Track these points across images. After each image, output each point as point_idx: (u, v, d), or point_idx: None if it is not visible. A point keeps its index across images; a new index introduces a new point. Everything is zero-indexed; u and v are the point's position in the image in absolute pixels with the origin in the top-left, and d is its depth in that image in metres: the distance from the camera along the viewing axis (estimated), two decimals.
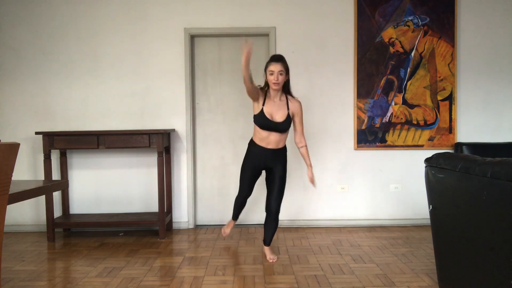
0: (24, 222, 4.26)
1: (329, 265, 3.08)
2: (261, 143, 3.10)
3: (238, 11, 4.19)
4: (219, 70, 4.32)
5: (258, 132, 3.10)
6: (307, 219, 4.27)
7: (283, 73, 3.00)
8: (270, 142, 3.09)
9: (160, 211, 3.87)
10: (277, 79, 2.98)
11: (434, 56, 4.21)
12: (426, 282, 2.72)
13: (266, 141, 3.09)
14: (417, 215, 4.23)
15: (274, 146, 3.11)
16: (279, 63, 2.99)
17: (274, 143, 3.10)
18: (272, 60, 3.03)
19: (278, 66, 2.98)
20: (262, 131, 3.07)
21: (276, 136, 3.08)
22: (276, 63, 2.99)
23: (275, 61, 3.00)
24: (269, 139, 3.08)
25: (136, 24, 4.19)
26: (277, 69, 2.98)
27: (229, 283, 2.75)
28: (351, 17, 4.20)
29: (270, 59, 3.05)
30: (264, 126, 3.04)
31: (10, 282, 2.84)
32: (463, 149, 4.09)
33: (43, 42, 4.19)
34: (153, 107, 4.23)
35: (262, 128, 3.06)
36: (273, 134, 3.07)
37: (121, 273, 2.96)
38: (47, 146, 3.85)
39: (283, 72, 3.00)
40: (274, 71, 2.98)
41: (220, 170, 4.36)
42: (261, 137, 3.09)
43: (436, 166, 2.30)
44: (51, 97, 4.21)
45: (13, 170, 1.56)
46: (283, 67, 3.00)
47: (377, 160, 4.26)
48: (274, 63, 2.99)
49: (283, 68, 3.00)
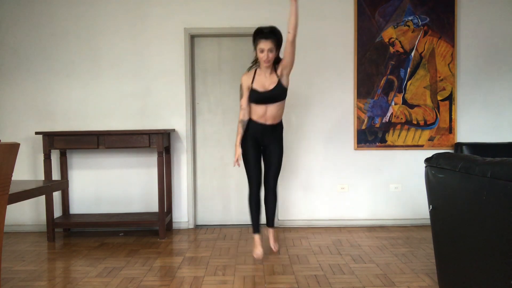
0: (24, 222, 4.26)
1: (329, 265, 3.08)
2: (259, 120, 3.06)
3: (238, 11, 4.19)
4: (219, 70, 4.32)
5: (254, 110, 3.06)
6: (307, 219, 4.27)
7: (273, 50, 2.89)
8: (268, 117, 3.05)
9: (160, 211, 3.87)
10: (268, 57, 2.89)
11: (434, 56, 4.21)
12: (426, 282, 2.72)
13: (264, 117, 3.05)
14: (417, 215, 4.23)
15: (272, 121, 3.07)
16: (269, 40, 2.85)
17: (272, 118, 3.06)
18: (261, 36, 2.87)
19: (268, 44, 2.86)
20: (259, 106, 3.01)
21: (273, 109, 3.03)
22: (266, 41, 2.85)
23: (264, 38, 2.86)
24: (267, 114, 3.04)
25: (136, 24, 4.19)
26: (267, 47, 2.87)
27: (229, 283, 2.75)
28: (351, 17, 4.20)
29: (259, 34, 2.88)
30: (259, 99, 2.98)
31: (10, 282, 2.84)
32: (463, 149, 4.09)
33: (43, 42, 4.19)
34: (153, 107, 4.23)
35: (257, 103, 3.00)
36: (270, 107, 3.01)
37: (121, 273, 2.96)
38: (47, 146, 3.85)
39: (273, 49, 2.89)
40: (264, 49, 2.87)
41: (220, 170, 4.36)
42: (258, 113, 3.04)
43: (436, 166, 2.30)
44: (51, 97, 4.21)
45: (13, 170, 1.56)
46: (273, 44, 2.87)
47: (377, 160, 4.26)
48: (264, 40, 2.86)
49: (274, 45, 2.88)
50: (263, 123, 3.08)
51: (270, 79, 3.03)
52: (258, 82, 3.02)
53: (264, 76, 3.03)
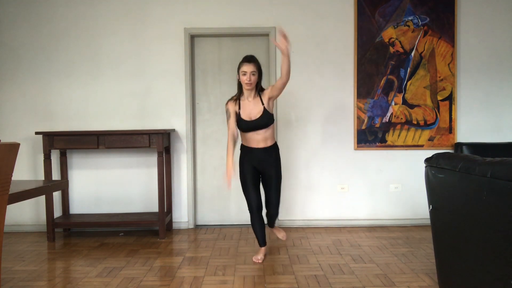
0: (24, 222, 4.26)
1: (329, 265, 3.08)
2: (251, 145, 3.14)
3: (238, 11, 4.19)
4: (219, 70, 4.32)
5: (244, 136, 3.17)
6: (307, 219, 4.27)
7: (255, 73, 3.05)
8: (259, 142, 3.12)
9: (160, 211, 3.87)
10: (250, 80, 3.04)
11: (434, 56, 4.21)
12: (426, 282, 2.72)
13: (255, 142, 3.13)
14: (417, 215, 4.23)
15: (264, 144, 3.13)
16: (251, 63, 3.04)
17: (262, 142, 3.12)
18: (244, 60, 3.07)
19: (251, 67, 3.03)
20: (247, 133, 3.13)
21: (261, 134, 3.10)
22: (248, 64, 3.04)
23: (247, 61, 3.05)
24: (257, 139, 3.12)
25: (136, 24, 4.19)
26: (250, 70, 3.03)
27: (229, 283, 2.75)
28: (351, 17, 4.21)
29: (242, 60, 3.09)
30: (246, 128, 3.10)
31: (10, 282, 2.84)
32: (463, 149, 4.09)
33: (43, 42, 4.19)
34: (153, 107, 4.23)
35: (245, 131, 3.12)
36: (258, 133, 3.10)
37: (121, 273, 2.96)
38: (47, 146, 3.85)
39: (255, 73, 3.05)
40: (247, 71, 3.03)
41: (220, 170, 4.36)
42: (248, 139, 3.14)
43: (436, 166, 2.30)
44: (51, 97, 4.21)
45: (13, 170, 1.56)
46: (255, 68, 3.05)
47: (377, 160, 4.26)
48: (247, 63, 3.04)
49: (255, 68, 3.05)
50: (256, 147, 3.13)
51: (255, 107, 3.10)
52: (244, 110, 3.11)
53: (248, 102, 3.11)
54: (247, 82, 3.04)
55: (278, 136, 4.19)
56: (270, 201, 3.21)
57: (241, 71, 3.07)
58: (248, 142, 3.15)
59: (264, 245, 3.27)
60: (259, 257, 3.21)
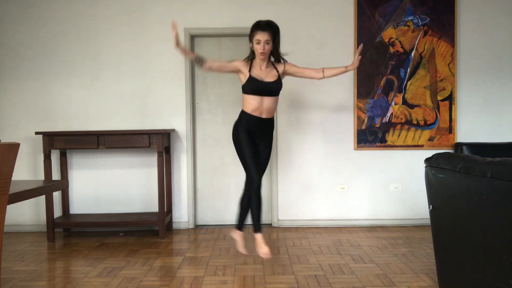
0: (24, 222, 4.26)
1: (329, 265, 3.08)
2: (254, 113, 2.93)
3: (238, 11, 4.19)
4: None
5: (249, 102, 2.93)
6: (307, 219, 4.27)
7: (270, 42, 2.84)
8: (264, 110, 2.94)
9: (160, 211, 3.87)
10: (264, 49, 2.83)
11: (434, 56, 4.20)
12: (426, 282, 2.72)
13: (259, 110, 2.93)
14: (417, 215, 4.23)
15: (268, 114, 2.97)
16: (266, 31, 2.81)
17: (267, 111, 2.95)
18: (258, 28, 2.83)
19: (265, 35, 2.81)
20: (254, 97, 2.90)
21: (269, 101, 2.93)
22: (263, 32, 2.81)
23: (261, 29, 2.82)
24: (263, 107, 2.93)
25: (136, 24, 4.19)
26: (264, 38, 2.81)
27: (229, 283, 2.75)
28: (351, 17, 4.20)
29: (256, 26, 2.85)
30: (256, 90, 2.88)
31: (10, 282, 2.84)
32: (463, 149, 4.09)
33: (43, 42, 4.19)
34: (153, 107, 4.23)
35: (254, 93, 2.89)
36: (266, 99, 2.92)
37: (121, 273, 2.96)
38: (47, 146, 3.85)
39: (270, 41, 2.84)
40: (261, 40, 2.82)
41: (220, 170, 4.36)
42: (253, 106, 2.92)
43: (436, 166, 2.30)
44: (51, 97, 4.21)
45: (13, 170, 1.56)
46: (270, 36, 2.82)
47: (377, 160, 4.26)
48: (261, 31, 2.81)
49: (270, 37, 2.83)
50: (259, 116, 2.94)
51: (269, 73, 2.97)
52: (256, 72, 2.94)
53: (260, 69, 2.95)
54: (261, 51, 2.83)
55: (278, 136, 4.19)
56: None
57: (255, 40, 2.84)
58: (252, 109, 2.92)
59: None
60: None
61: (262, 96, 2.91)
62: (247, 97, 2.95)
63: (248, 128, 2.96)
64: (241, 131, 2.96)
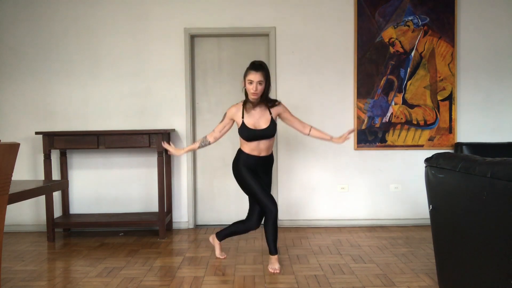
0: (24, 222, 4.26)
1: (329, 265, 3.08)
2: (252, 153, 3.01)
3: (238, 11, 4.19)
4: (219, 70, 4.32)
5: (246, 144, 3.02)
6: (307, 219, 4.27)
7: (262, 82, 2.88)
8: (262, 150, 3.02)
9: (160, 211, 3.87)
10: (256, 89, 2.87)
11: (434, 56, 4.21)
12: (426, 282, 2.72)
13: (257, 150, 3.01)
14: (417, 215, 4.23)
15: (266, 153, 3.04)
16: (258, 72, 2.86)
17: (265, 150, 3.03)
18: (251, 68, 2.90)
19: (258, 76, 2.86)
20: (250, 142, 2.99)
21: (266, 143, 3.01)
22: (255, 73, 2.86)
23: (254, 69, 2.88)
24: (260, 148, 3.01)
25: (136, 24, 4.19)
26: (256, 79, 2.86)
27: (229, 283, 2.75)
28: (351, 17, 4.20)
29: (249, 67, 2.92)
30: (250, 137, 2.96)
31: (10, 282, 2.84)
32: (463, 149, 4.09)
33: (43, 42, 4.19)
34: (153, 107, 4.23)
35: (249, 140, 2.98)
36: (262, 142, 2.99)
37: (121, 273, 2.96)
38: (47, 146, 3.85)
39: (262, 82, 2.88)
40: (253, 80, 2.86)
41: (220, 170, 4.36)
42: (250, 147, 3.01)
43: (436, 166, 2.30)
44: (51, 97, 4.21)
45: (13, 170, 1.56)
46: (262, 77, 2.87)
47: (377, 160, 4.26)
48: (254, 72, 2.87)
49: (263, 77, 2.88)
50: (257, 155, 3.01)
51: (262, 116, 2.98)
52: (250, 119, 2.97)
53: (253, 110, 2.98)
54: (253, 92, 2.88)
55: (278, 136, 4.19)
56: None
57: (247, 79, 2.89)
58: (250, 150, 3.01)
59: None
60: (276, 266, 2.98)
61: (258, 141, 2.98)
62: (243, 140, 3.03)
63: (249, 166, 3.03)
64: (241, 168, 3.02)
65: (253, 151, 3.01)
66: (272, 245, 3.00)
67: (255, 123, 2.96)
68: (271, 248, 3.00)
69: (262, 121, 2.97)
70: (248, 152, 3.02)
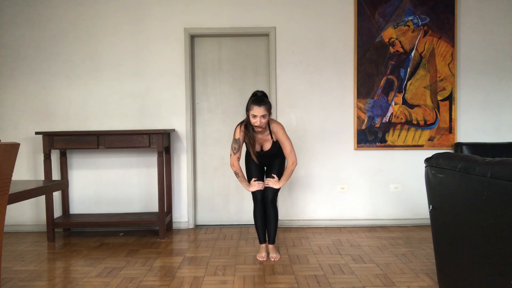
0: (24, 222, 4.26)
1: (329, 265, 3.08)
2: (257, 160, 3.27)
3: (238, 11, 4.19)
4: (219, 70, 4.32)
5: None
6: (307, 219, 4.27)
7: (266, 116, 2.99)
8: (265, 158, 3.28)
9: (160, 211, 3.87)
10: (260, 123, 2.99)
11: (434, 56, 4.21)
12: (426, 282, 2.72)
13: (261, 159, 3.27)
14: (417, 215, 4.23)
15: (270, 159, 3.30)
16: (261, 107, 2.96)
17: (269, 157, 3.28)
18: (255, 103, 2.98)
19: (261, 110, 2.96)
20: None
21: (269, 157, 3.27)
22: (259, 107, 2.95)
23: (257, 104, 2.96)
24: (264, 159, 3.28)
25: (136, 24, 4.19)
26: (260, 113, 2.96)
27: (229, 283, 2.75)
28: (351, 17, 4.21)
29: (252, 101, 3.00)
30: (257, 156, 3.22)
31: (10, 282, 2.84)
32: (463, 149, 4.09)
33: (43, 42, 4.19)
34: (153, 107, 4.23)
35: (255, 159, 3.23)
36: (266, 157, 3.27)
37: (121, 273, 2.96)
38: (47, 146, 3.85)
39: (266, 115, 2.99)
40: (257, 115, 2.97)
41: (220, 170, 4.36)
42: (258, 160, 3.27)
43: (436, 166, 2.30)
44: (51, 97, 4.21)
45: (13, 170, 1.56)
46: (266, 110, 2.97)
47: (377, 160, 4.26)
48: (257, 107, 2.96)
49: (266, 111, 2.98)
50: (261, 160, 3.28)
51: (265, 140, 3.19)
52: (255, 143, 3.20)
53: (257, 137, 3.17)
54: (257, 125, 3.00)
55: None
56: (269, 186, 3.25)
57: (250, 114, 2.98)
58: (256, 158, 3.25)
59: (264, 242, 3.32)
60: (263, 254, 3.25)
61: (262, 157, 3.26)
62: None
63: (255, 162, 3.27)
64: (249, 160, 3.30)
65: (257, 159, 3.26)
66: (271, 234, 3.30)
67: (259, 146, 3.22)
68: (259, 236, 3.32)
69: (265, 144, 3.21)
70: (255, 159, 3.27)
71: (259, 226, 3.28)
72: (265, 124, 3.03)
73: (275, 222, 3.27)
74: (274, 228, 3.28)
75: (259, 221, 3.28)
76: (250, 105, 3.00)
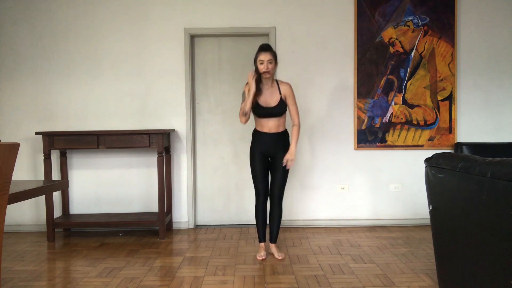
0: (24, 222, 4.26)
1: (329, 265, 3.08)
2: (263, 129, 3.28)
3: (238, 11, 4.19)
4: (219, 70, 4.32)
5: (258, 121, 3.30)
6: (307, 219, 4.27)
7: (272, 61, 3.17)
8: (271, 128, 3.26)
9: (160, 211, 3.87)
10: (267, 68, 3.15)
11: (434, 56, 4.21)
12: (426, 282, 2.72)
13: (267, 127, 3.27)
14: (417, 215, 4.23)
15: (275, 130, 3.27)
16: (267, 52, 3.16)
17: (274, 128, 3.27)
18: (261, 50, 3.19)
19: (267, 55, 3.15)
20: (261, 118, 3.26)
21: (275, 121, 3.26)
22: (265, 53, 3.16)
23: (263, 50, 3.17)
24: (269, 125, 3.26)
25: (136, 24, 4.19)
26: (267, 58, 3.14)
27: (229, 283, 2.75)
28: (351, 17, 4.20)
29: (258, 49, 3.21)
30: (262, 114, 3.24)
31: (10, 282, 2.84)
32: (463, 149, 4.09)
33: (43, 42, 4.19)
34: (153, 107, 4.23)
35: (260, 116, 3.26)
36: (271, 120, 3.25)
37: (121, 273, 2.96)
38: (47, 146, 3.85)
39: (272, 61, 3.17)
40: (264, 60, 3.14)
41: (220, 170, 4.36)
42: (261, 124, 3.28)
43: (436, 166, 2.30)
44: (51, 97, 4.21)
45: (13, 170, 1.56)
46: (272, 56, 3.17)
47: (377, 160, 4.26)
48: (263, 52, 3.16)
49: (272, 56, 3.17)
50: (267, 132, 3.26)
51: (273, 96, 3.25)
52: (262, 96, 3.24)
53: (265, 90, 3.25)
54: (265, 71, 3.15)
55: None
56: (275, 181, 3.28)
57: (258, 60, 3.17)
58: (261, 127, 3.28)
59: (263, 240, 3.34)
60: (262, 253, 3.27)
61: (268, 118, 3.26)
62: (255, 117, 3.34)
63: (261, 146, 3.29)
64: (254, 150, 3.31)
65: (264, 128, 3.28)
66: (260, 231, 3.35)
67: (266, 101, 3.24)
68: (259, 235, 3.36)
69: (272, 100, 3.25)
70: (259, 129, 3.30)
71: (259, 223, 3.32)
72: (272, 69, 3.18)
73: (278, 221, 3.31)
74: (277, 227, 3.32)
75: (260, 217, 3.31)
76: (257, 54, 3.19)
